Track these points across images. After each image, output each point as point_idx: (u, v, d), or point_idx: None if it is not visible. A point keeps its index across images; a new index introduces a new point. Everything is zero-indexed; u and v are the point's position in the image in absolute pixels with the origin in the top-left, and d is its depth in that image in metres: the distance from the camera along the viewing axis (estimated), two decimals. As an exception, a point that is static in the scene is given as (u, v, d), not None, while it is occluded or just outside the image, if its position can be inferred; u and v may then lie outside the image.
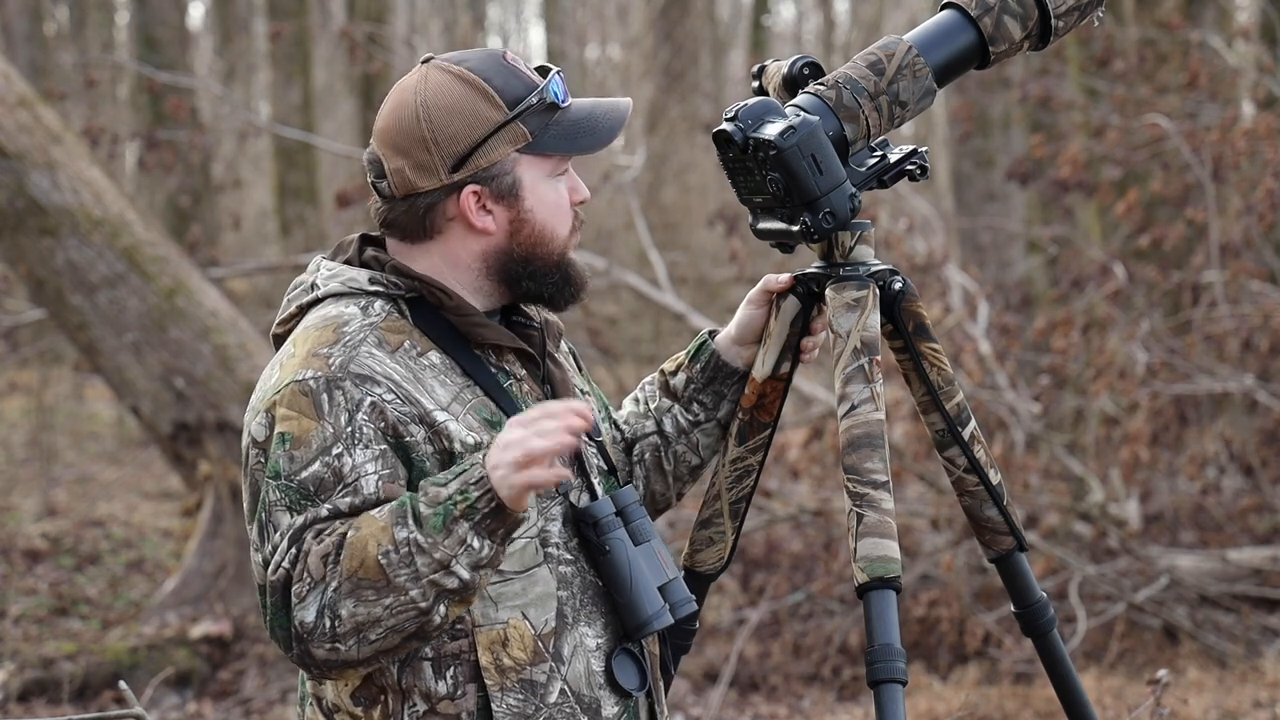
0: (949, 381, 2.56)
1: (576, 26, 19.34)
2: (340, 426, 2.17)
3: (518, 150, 2.28)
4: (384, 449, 2.18)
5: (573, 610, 2.28)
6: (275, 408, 2.19)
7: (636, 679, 2.32)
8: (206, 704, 6.78)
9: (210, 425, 7.18)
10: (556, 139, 2.30)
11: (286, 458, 2.17)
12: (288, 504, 2.16)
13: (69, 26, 17.57)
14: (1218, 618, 6.61)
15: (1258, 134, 7.31)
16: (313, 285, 2.33)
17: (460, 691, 2.22)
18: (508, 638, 2.23)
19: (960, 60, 2.51)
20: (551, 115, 2.30)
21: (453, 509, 2.11)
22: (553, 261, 2.33)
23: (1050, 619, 2.63)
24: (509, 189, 2.29)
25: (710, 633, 7.03)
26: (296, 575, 2.13)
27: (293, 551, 2.14)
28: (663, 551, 2.33)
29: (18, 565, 8.41)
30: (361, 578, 2.10)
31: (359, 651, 2.13)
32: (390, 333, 2.26)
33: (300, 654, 2.14)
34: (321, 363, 2.20)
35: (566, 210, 2.34)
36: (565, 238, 2.34)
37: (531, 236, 2.31)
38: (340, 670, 2.15)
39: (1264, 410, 7.21)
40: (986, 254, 10.48)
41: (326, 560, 2.11)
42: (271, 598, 2.14)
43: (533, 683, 2.24)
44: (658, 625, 2.29)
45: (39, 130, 7.23)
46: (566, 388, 2.39)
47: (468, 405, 2.26)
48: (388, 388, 2.20)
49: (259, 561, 2.18)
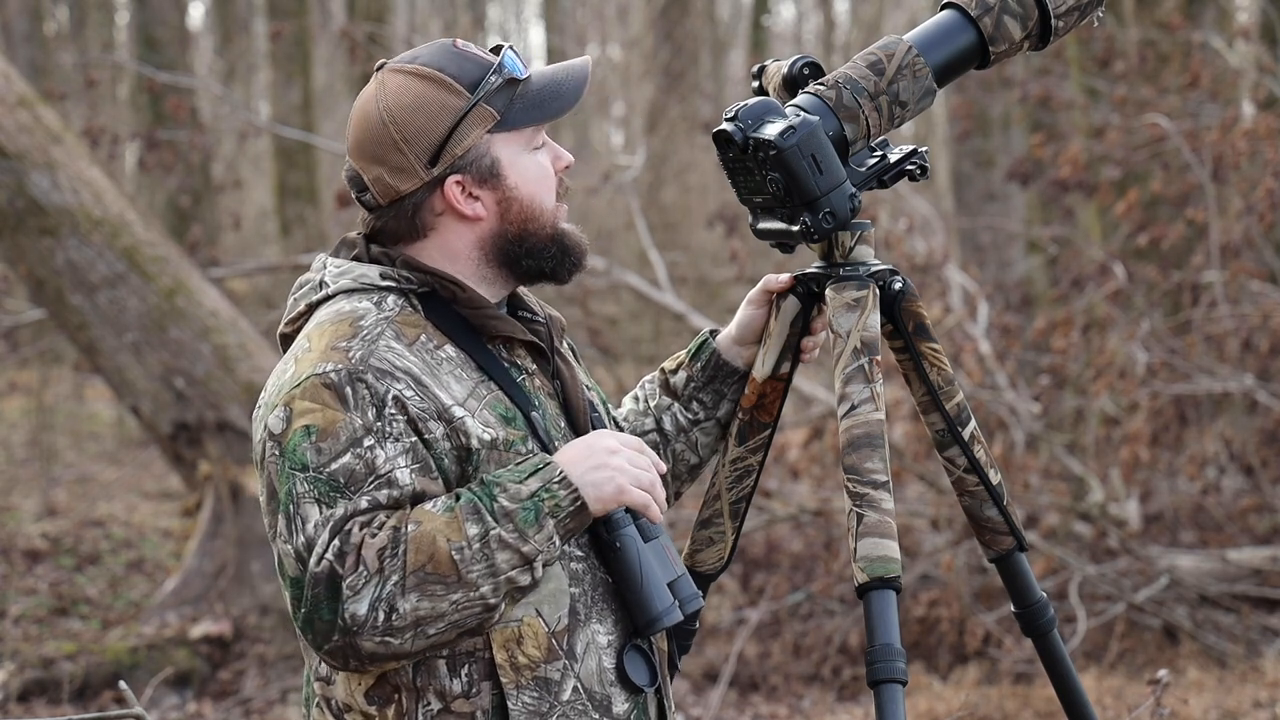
0: (949, 381, 2.56)
1: (576, 26, 19.35)
2: (370, 420, 2.17)
3: (489, 131, 2.29)
4: (414, 441, 2.18)
5: (585, 607, 2.28)
6: (295, 401, 2.18)
7: (647, 675, 2.32)
8: (206, 704, 6.78)
9: (210, 425, 7.18)
10: (524, 111, 2.31)
11: (314, 450, 2.16)
12: (317, 496, 2.15)
13: (69, 26, 17.57)
14: (1218, 618, 6.61)
15: (1258, 134, 7.31)
16: (321, 283, 2.33)
17: (475, 690, 2.22)
18: (522, 635, 2.23)
19: (960, 60, 2.51)
20: (514, 89, 2.30)
21: (541, 505, 2.14)
22: (546, 234, 2.33)
23: (1050, 619, 2.63)
24: (490, 170, 2.30)
25: (710, 633, 7.03)
26: (348, 568, 2.12)
27: (336, 543, 2.13)
28: (670, 548, 2.33)
29: (18, 565, 8.41)
30: (430, 572, 2.11)
31: (413, 645, 2.13)
32: (406, 326, 2.26)
33: (343, 646, 2.13)
34: (342, 356, 2.20)
35: (551, 179, 2.35)
36: (553, 208, 2.34)
37: (522, 213, 2.32)
38: (383, 663, 2.16)
39: (1264, 410, 7.21)
40: (986, 254, 10.48)
41: (384, 554, 2.11)
42: (313, 589, 2.13)
43: (547, 680, 2.24)
44: (668, 621, 2.29)
45: (39, 130, 7.23)
46: (575, 384, 2.39)
47: (484, 401, 2.26)
48: (407, 383, 2.20)
49: (289, 553, 2.16)
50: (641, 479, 2.22)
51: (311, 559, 2.14)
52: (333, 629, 2.13)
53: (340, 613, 2.12)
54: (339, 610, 2.12)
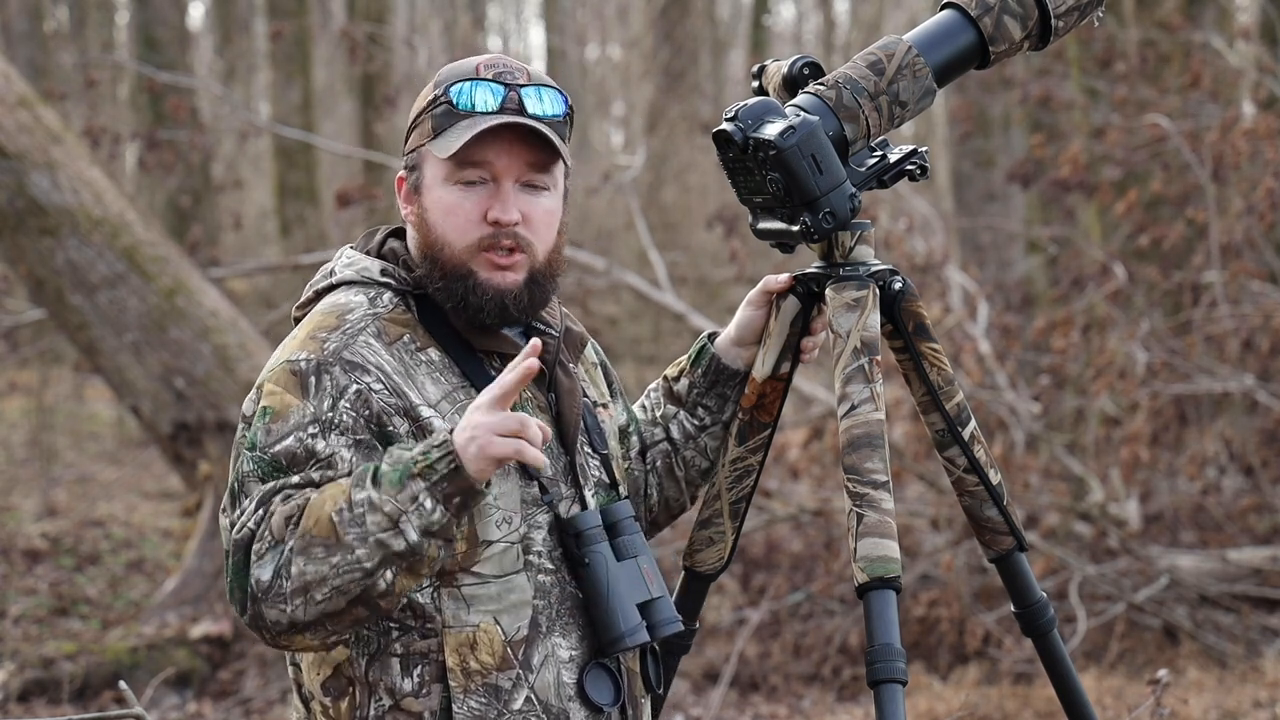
0: (949, 381, 2.56)
1: (576, 26, 19.34)
2: (321, 409, 2.20)
3: (426, 144, 2.30)
4: (360, 439, 2.20)
5: (548, 620, 2.28)
6: (265, 384, 2.24)
7: (610, 694, 2.31)
8: (206, 704, 6.78)
9: (210, 425, 7.18)
10: (442, 141, 2.27)
11: (264, 430, 2.20)
12: (260, 475, 2.19)
13: (69, 26, 17.57)
14: (1218, 618, 6.61)
15: (1258, 134, 7.31)
16: (331, 272, 2.37)
17: (425, 690, 2.23)
18: (476, 641, 2.24)
19: (960, 60, 2.51)
20: (456, 119, 2.26)
21: (411, 467, 2.12)
22: (444, 268, 2.28)
23: (1050, 619, 2.62)
24: (416, 182, 2.32)
25: (710, 633, 7.03)
26: (259, 535, 2.15)
27: (259, 513, 2.16)
28: (650, 570, 2.32)
29: (18, 565, 8.41)
30: (314, 535, 2.12)
31: (305, 612, 2.13)
32: (392, 324, 2.28)
33: (254, 615, 2.15)
34: (316, 346, 2.24)
35: (464, 221, 2.27)
36: (459, 249, 2.27)
37: (429, 237, 2.30)
38: (289, 635, 2.16)
39: (1264, 410, 7.21)
40: (986, 254, 10.48)
41: (289, 521, 2.14)
42: (234, 557, 2.17)
43: (497, 688, 2.24)
44: (630, 643, 2.28)
45: (39, 130, 7.23)
46: (572, 398, 2.37)
47: (458, 405, 2.26)
48: (377, 377, 2.23)
49: (225, 526, 2.20)
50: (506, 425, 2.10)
51: (235, 527, 2.17)
52: (246, 596, 2.15)
53: (249, 579, 2.14)
54: (249, 577, 2.14)
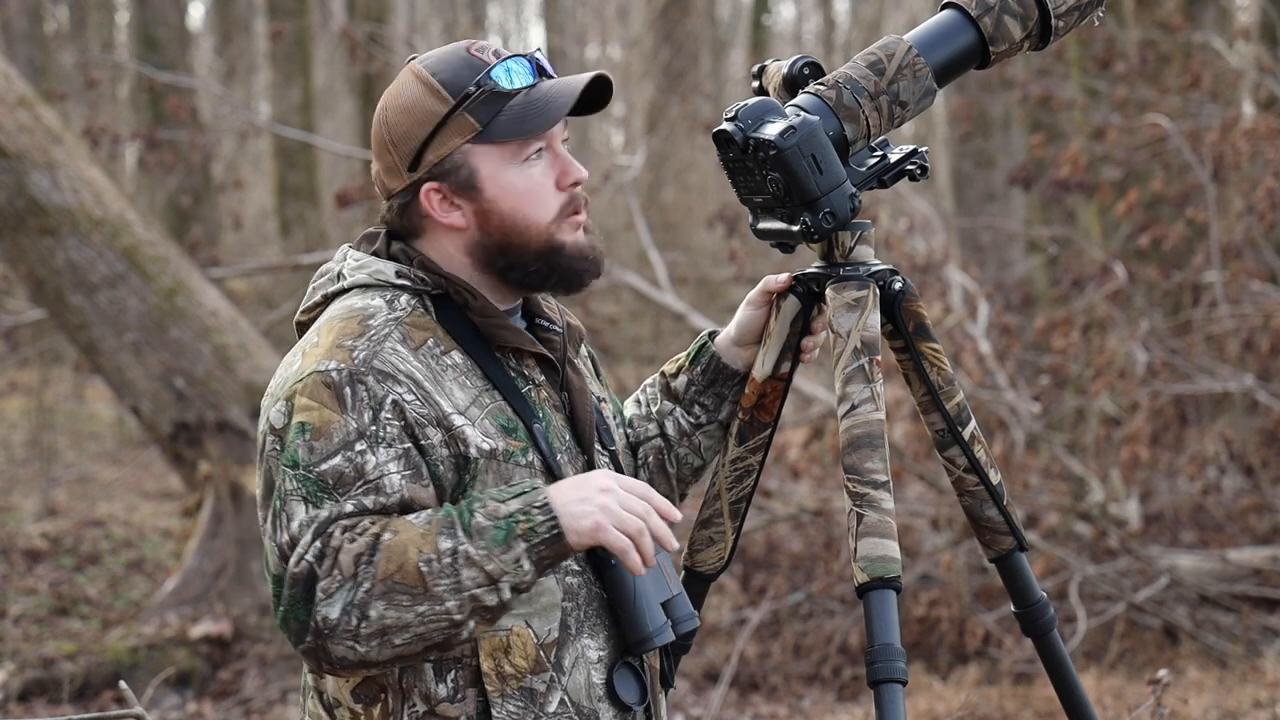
0: (949, 381, 2.56)
1: (576, 26, 19.34)
2: (364, 423, 2.16)
3: (470, 141, 2.26)
4: (407, 448, 2.17)
5: (576, 621, 2.27)
6: (296, 396, 2.18)
7: (637, 693, 2.31)
8: (206, 704, 6.78)
9: (210, 425, 7.18)
10: (507, 124, 2.25)
11: (306, 448, 2.15)
12: (304, 494, 2.14)
13: (69, 26, 17.56)
14: (1218, 618, 6.61)
15: (1258, 134, 7.31)
16: (339, 275, 2.32)
17: (460, 695, 2.22)
18: (510, 645, 2.22)
19: (960, 60, 2.51)
20: (505, 101, 2.26)
21: (514, 526, 2.11)
22: (532, 249, 2.28)
23: (1050, 619, 2.62)
24: (467, 181, 2.27)
25: (710, 633, 7.03)
26: (324, 571, 2.11)
27: (317, 545, 2.12)
28: (668, 567, 2.32)
29: (18, 565, 8.41)
30: (398, 582, 2.09)
31: (379, 654, 2.12)
32: (415, 329, 2.25)
33: (315, 648, 2.12)
34: (345, 355, 2.19)
35: (544, 195, 2.28)
36: (545, 224, 2.28)
37: (502, 226, 2.27)
38: (353, 669, 2.15)
39: (1264, 410, 7.21)
40: (986, 254, 10.48)
41: (360, 560, 2.10)
42: (291, 589, 2.12)
43: (532, 691, 2.23)
44: (659, 641, 2.29)
45: (39, 130, 7.23)
46: (584, 396, 2.37)
47: (486, 410, 2.24)
48: (408, 387, 2.19)
49: (273, 549, 2.16)
50: (626, 523, 2.14)
51: (292, 558, 2.13)
52: (306, 630, 2.12)
53: (313, 614, 2.11)
54: (312, 612, 2.11)
